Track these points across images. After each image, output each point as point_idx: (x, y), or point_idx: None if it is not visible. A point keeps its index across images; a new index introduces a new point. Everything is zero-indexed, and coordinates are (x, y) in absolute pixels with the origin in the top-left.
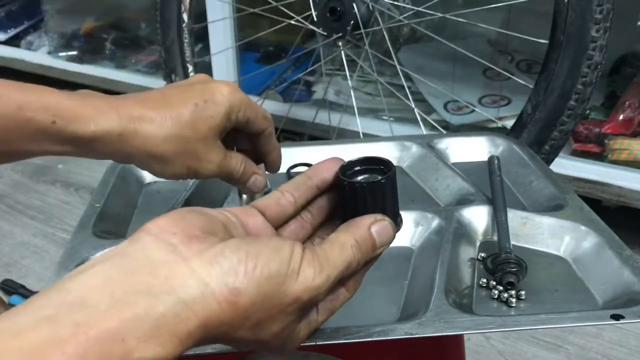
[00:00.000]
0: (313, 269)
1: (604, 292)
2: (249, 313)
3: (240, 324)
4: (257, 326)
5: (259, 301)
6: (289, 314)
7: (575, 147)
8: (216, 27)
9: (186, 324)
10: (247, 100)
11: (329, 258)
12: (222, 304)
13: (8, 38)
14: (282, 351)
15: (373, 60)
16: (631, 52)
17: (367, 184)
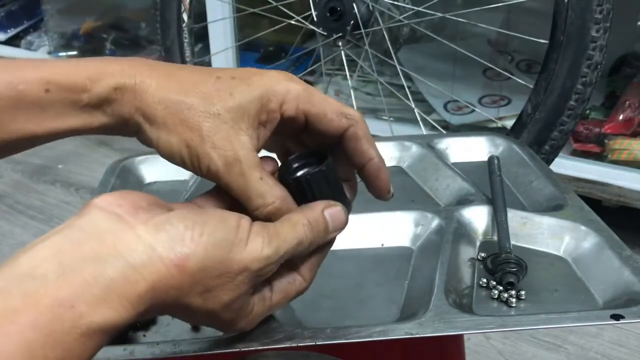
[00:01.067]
0: (262, 239)
1: (604, 292)
2: (197, 278)
3: (189, 289)
4: (207, 292)
5: (207, 266)
6: (239, 283)
7: (575, 147)
8: (216, 27)
9: (135, 288)
10: (304, 91)
11: (279, 232)
12: (170, 268)
13: (8, 38)
14: (234, 325)
15: (373, 60)
16: (631, 52)
17: (310, 176)
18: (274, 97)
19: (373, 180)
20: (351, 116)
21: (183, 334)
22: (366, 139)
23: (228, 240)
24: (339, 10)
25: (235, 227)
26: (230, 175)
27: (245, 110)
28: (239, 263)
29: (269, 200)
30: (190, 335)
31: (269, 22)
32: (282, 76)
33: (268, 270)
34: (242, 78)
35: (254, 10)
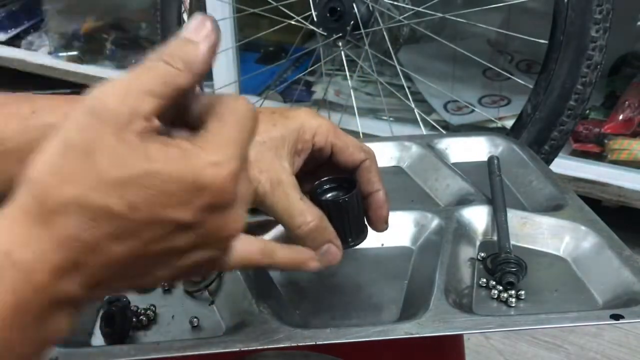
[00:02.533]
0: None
1: (604, 292)
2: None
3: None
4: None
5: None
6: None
7: (575, 147)
8: None
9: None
10: (332, 127)
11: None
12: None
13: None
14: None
15: (373, 60)
16: (631, 52)
17: (348, 198)
18: (309, 130)
19: (376, 209)
20: (367, 151)
21: (183, 334)
22: (377, 172)
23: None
24: (339, 10)
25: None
26: (274, 196)
27: (285, 140)
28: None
29: (309, 219)
30: (190, 335)
31: (269, 22)
32: (313, 113)
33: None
34: (281, 112)
35: (254, 10)
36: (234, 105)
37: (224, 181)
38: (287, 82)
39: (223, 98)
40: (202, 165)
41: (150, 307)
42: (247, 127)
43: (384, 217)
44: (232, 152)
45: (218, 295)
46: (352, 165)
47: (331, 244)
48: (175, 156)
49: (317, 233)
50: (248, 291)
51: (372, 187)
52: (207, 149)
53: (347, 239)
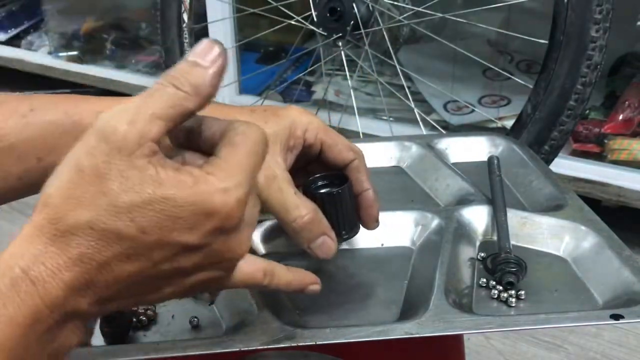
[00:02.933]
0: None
1: (604, 292)
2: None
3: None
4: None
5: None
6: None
7: (575, 147)
8: (216, 27)
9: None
10: (322, 124)
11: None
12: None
13: (8, 38)
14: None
15: (373, 60)
16: (631, 52)
17: (342, 190)
18: (300, 126)
19: (366, 207)
20: (356, 151)
21: (183, 334)
22: (366, 172)
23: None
24: (339, 10)
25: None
26: (269, 190)
27: (277, 136)
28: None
29: (303, 212)
30: (191, 335)
31: (269, 22)
32: (303, 110)
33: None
34: (272, 111)
35: (254, 10)
36: (246, 131)
37: (232, 207)
38: (287, 82)
39: (235, 124)
40: (212, 191)
41: (150, 307)
42: (258, 153)
43: (374, 216)
44: (241, 178)
45: (218, 295)
46: (341, 164)
47: (326, 236)
48: (186, 182)
49: (311, 226)
50: (248, 291)
51: (362, 187)
52: (217, 175)
53: (341, 232)
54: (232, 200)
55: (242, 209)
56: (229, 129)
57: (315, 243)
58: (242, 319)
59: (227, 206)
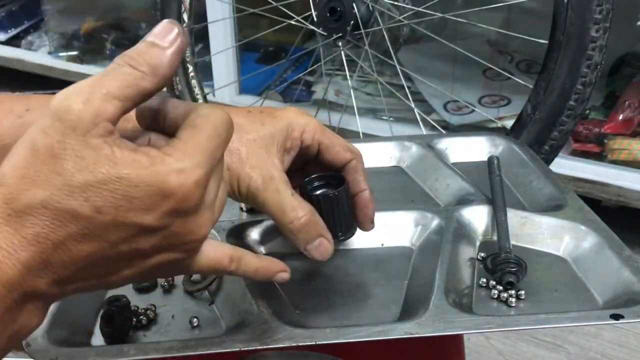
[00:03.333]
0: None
1: (604, 292)
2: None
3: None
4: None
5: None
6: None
7: (575, 147)
8: (216, 27)
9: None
10: (320, 125)
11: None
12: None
13: (8, 38)
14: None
15: (373, 60)
16: (631, 52)
17: (338, 192)
18: (297, 127)
19: (362, 208)
20: (354, 151)
21: (183, 334)
22: (363, 172)
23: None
24: (339, 10)
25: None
26: (267, 191)
27: (274, 137)
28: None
29: (300, 214)
30: (190, 335)
31: (269, 22)
32: (300, 111)
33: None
34: (269, 112)
35: (254, 10)
36: (208, 114)
37: (189, 188)
38: (287, 82)
39: (199, 107)
40: (168, 171)
41: (150, 307)
42: (220, 135)
43: (369, 217)
44: (199, 159)
45: (218, 295)
46: (338, 164)
47: (323, 238)
48: (142, 162)
49: (308, 227)
50: (248, 291)
51: (359, 187)
52: (174, 156)
53: (338, 234)
54: (189, 182)
55: (200, 191)
56: (192, 111)
57: (312, 245)
58: (242, 319)
59: (184, 187)
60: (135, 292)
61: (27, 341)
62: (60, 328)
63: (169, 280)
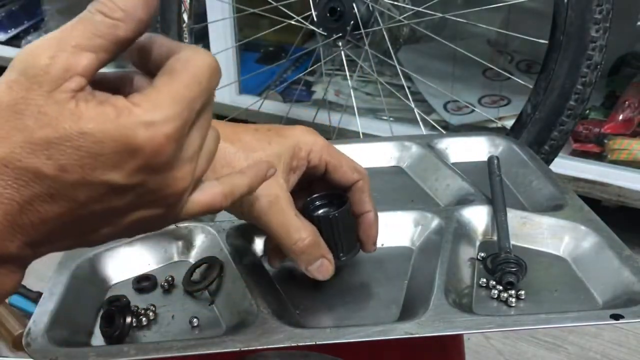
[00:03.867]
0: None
1: (604, 292)
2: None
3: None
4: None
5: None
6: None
7: (575, 147)
8: (216, 27)
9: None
10: (327, 145)
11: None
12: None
13: (8, 38)
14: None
15: (373, 60)
16: (631, 52)
17: (338, 213)
18: (304, 147)
19: (365, 229)
20: (360, 172)
21: (183, 334)
22: (369, 193)
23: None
24: (339, 10)
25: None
26: (271, 212)
27: (281, 157)
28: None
29: (303, 235)
30: (190, 335)
31: (269, 22)
32: (309, 130)
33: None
34: (277, 130)
35: (254, 10)
36: (189, 57)
37: (159, 143)
38: (287, 82)
39: (182, 48)
40: (134, 125)
41: (150, 307)
42: (200, 83)
43: (372, 238)
44: (172, 111)
45: (218, 295)
46: (345, 184)
47: (324, 259)
48: (108, 115)
49: (311, 249)
50: (248, 291)
51: (363, 208)
52: (143, 106)
53: (339, 254)
54: (159, 136)
55: (172, 146)
56: (174, 53)
57: (314, 266)
58: (242, 319)
59: (153, 142)
60: (135, 292)
61: (27, 341)
62: (60, 328)
63: (169, 280)
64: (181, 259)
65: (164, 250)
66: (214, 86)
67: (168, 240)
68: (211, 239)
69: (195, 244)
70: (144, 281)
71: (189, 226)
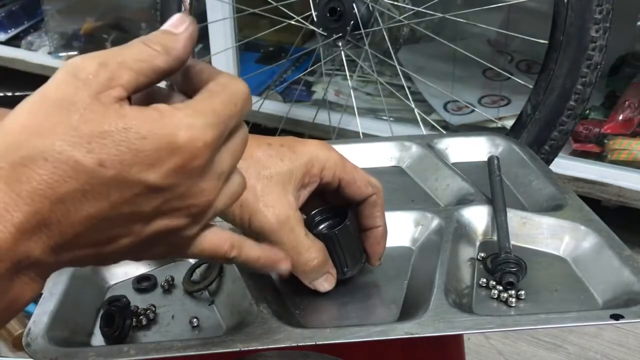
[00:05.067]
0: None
1: (604, 292)
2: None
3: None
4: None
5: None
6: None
7: (575, 147)
8: (216, 27)
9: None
10: (341, 160)
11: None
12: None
13: (8, 38)
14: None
15: (373, 60)
16: (631, 52)
17: (339, 231)
18: (317, 164)
19: (372, 244)
20: (375, 186)
21: (183, 334)
22: (382, 207)
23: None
24: (339, 10)
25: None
26: (281, 232)
27: (292, 174)
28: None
29: (314, 255)
30: (190, 335)
31: (269, 22)
32: (322, 145)
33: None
34: (290, 146)
35: (254, 10)
36: (227, 83)
37: (198, 146)
38: (287, 82)
39: (220, 75)
40: (177, 125)
41: (150, 307)
42: (235, 105)
43: (379, 254)
44: (210, 120)
45: (218, 295)
46: (358, 199)
47: (328, 274)
48: (152, 115)
49: (320, 268)
50: (248, 291)
51: (374, 223)
52: (184, 111)
53: (343, 269)
54: (199, 139)
55: (209, 153)
56: (213, 78)
57: (317, 281)
58: (242, 319)
59: (192, 143)
60: (135, 292)
61: (27, 341)
62: (60, 328)
63: (168, 280)
64: (181, 259)
65: None
66: (246, 111)
67: None
68: None
69: None
70: (144, 281)
71: None
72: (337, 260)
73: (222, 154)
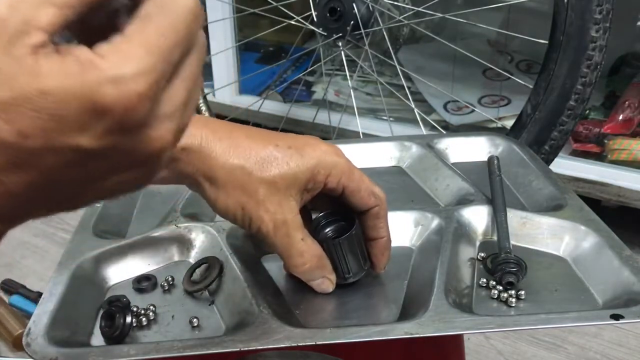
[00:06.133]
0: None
1: (604, 292)
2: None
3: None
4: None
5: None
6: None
7: (575, 147)
8: (216, 27)
9: None
10: (347, 167)
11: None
12: None
13: None
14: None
15: (373, 60)
16: (631, 52)
17: (344, 239)
18: (323, 170)
19: (376, 254)
20: (379, 197)
21: (183, 334)
22: (385, 218)
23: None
24: (339, 10)
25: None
26: (276, 236)
27: (297, 179)
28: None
29: (306, 260)
30: (190, 335)
31: (269, 22)
32: (331, 150)
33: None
34: (297, 148)
35: (254, 10)
36: (166, 1)
37: (130, 102)
38: (287, 82)
39: None
40: (100, 82)
41: (150, 307)
42: (178, 31)
43: (382, 264)
44: (144, 63)
45: (218, 295)
46: (361, 208)
47: (325, 278)
48: (70, 71)
49: (312, 271)
50: (248, 291)
51: (378, 234)
52: (110, 59)
53: (345, 275)
54: (129, 93)
55: (145, 104)
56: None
57: (314, 282)
58: (242, 319)
59: (122, 101)
60: (135, 292)
61: (27, 341)
62: (60, 328)
63: (168, 280)
64: (181, 259)
65: (164, 251)
66: (194, 32)
67: (168, 240)
68: (211, 239)
69: (195, 244)
70: (144, 281)
71: (189, 226)
72: (339, 266)
73: (171, 89)
